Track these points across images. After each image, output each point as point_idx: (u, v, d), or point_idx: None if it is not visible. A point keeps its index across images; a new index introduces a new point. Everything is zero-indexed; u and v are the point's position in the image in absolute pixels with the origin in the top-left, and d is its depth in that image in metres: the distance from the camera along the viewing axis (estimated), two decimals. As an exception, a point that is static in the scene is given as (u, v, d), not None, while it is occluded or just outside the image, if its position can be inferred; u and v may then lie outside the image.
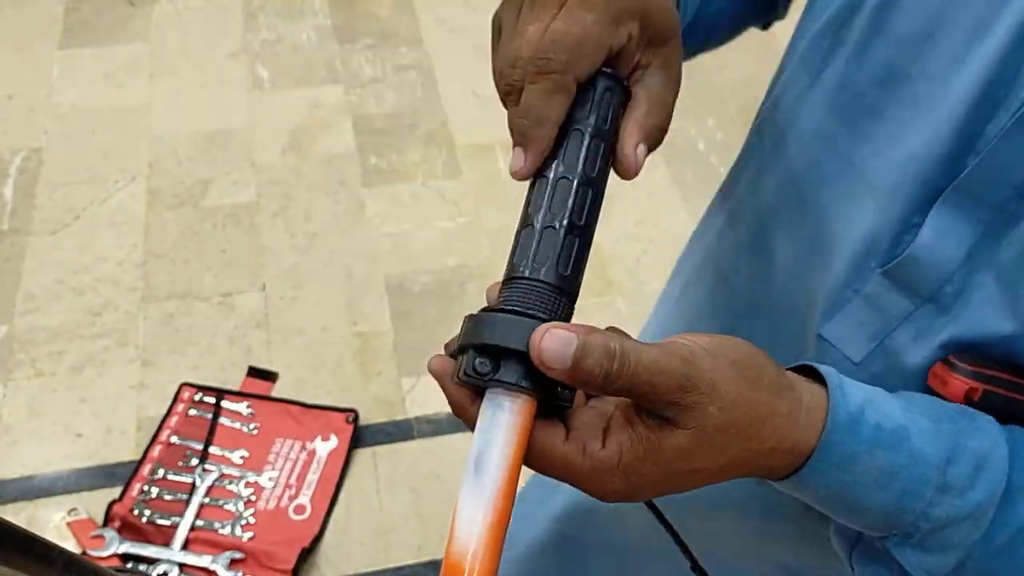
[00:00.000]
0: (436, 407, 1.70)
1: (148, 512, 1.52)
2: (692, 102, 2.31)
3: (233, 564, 1.47)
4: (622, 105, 0.43)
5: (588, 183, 0.40)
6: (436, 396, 1.72)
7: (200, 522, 1.52)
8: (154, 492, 1.55)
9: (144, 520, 1.51)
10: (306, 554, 1.49)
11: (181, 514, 1.52)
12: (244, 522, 1.53)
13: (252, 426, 1.66)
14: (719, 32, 0.61)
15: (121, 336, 1.80)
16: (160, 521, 1.51)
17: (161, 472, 1.58)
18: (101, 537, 1.47)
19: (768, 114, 0.57)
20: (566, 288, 0.39)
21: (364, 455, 1.64)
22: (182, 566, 1.46)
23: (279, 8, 2.58)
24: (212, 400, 1.69)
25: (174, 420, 1.65)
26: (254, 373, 1.74)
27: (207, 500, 1.55)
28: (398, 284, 1.91)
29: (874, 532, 0.41)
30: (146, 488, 1.56)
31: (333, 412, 1.68)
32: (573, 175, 0.40)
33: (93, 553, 1.45)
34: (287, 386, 1.73)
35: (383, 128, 2.23)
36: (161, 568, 1.45)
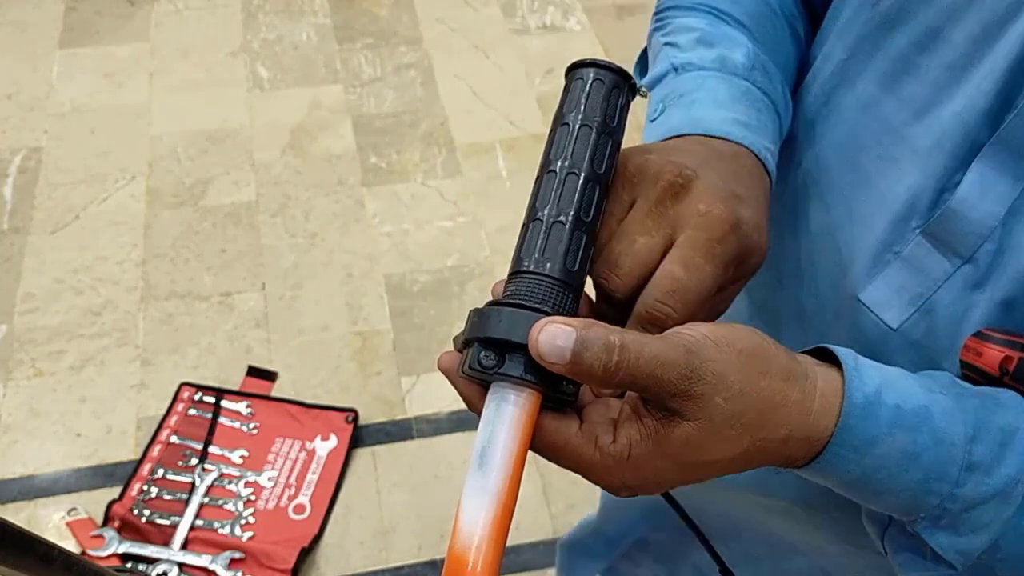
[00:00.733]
0: (436, 406, 1.70)
1: (148, 512, 1.52)
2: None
3: (233, 564, 1.47)
4: (628, 103, 0.43)
5: (595, 179, 0.40)
6: (436, 395, 1.72)
7: (200, 522, 1.52)
8: (154, 492, 1.55)
9: (144, 520, 1.50)
10: (305, 554, 1.49)
11: (181, 514, 1.52)
12: (244, 522, 1.53)
13: (252, 426, 1.66)
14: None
15: (121, 336, 1.79)
16: (160, 521, 1.51)
17: (161, 472, 1.58)
18: (101, 537, 1.47)
19: (805, 88, 0.56)
20: (572, 283, 0.39)
21: (364, 455, 1.64)
22: (182, 566, 1.46)
23: (279, 8, 2.58)
24: (212, 400, 1.68)
25: (174, 420, 1.65)
26: (254, 373, 1.74)
27: (207, 500, 1.55)
28: (397, 283, 1.91)
29: (902, 516, 0.41)
30: (146, 488, 1.55)
31: (333, 412, 1.67)
32: (581, 171, 0.40)
33: (93, 553, 1.45)
34: (287, 386, 1.73)
35: (383, 128, 2.23)
36: (161, 568, 1.45)
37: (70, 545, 1.46)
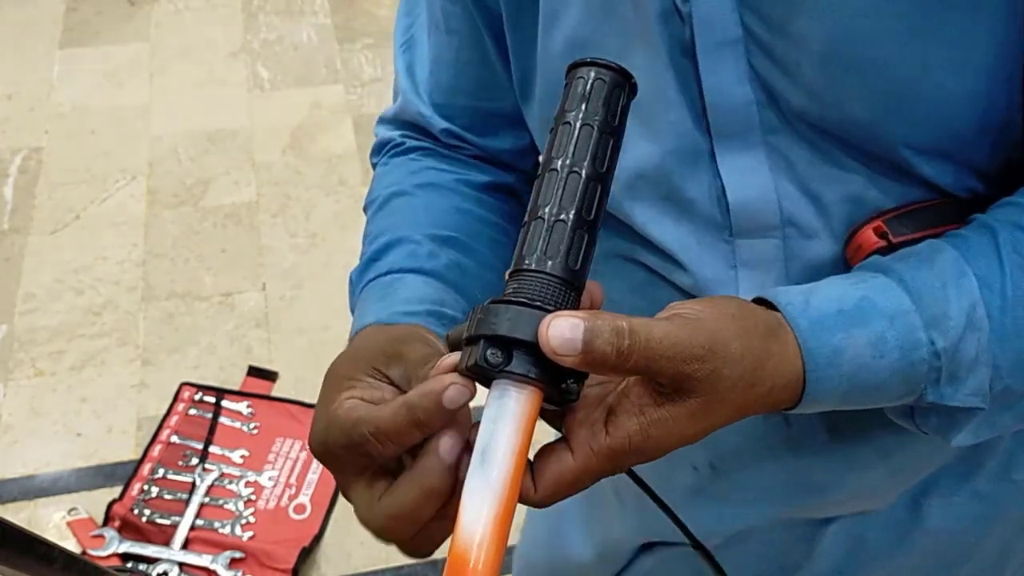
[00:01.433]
0: (436, 406, 1.70)
1: (148, 511, 1.52)
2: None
3: (233, 563, 1.47)
4: (629, 102, 0.43)
5: (597, 178, 0.41)
6: (436, 395, 1.72)
7: (200, 521, 1.52)
8: (154, 491, 1.55)
9: (144, 519, 1.50)
10: (306, 553, 1.49)
11: (181, 513, 1.52)
12: (244, 521, 1.53)
13: (252, 425, 1.66)
14: None
15: (121, 336, 1.79)
16: (160, 520, 1.51)
17: (161, 471, 1.58)
18: (101, 536, 1.47)
19: None
20: (574, 282, 0.39)
21: (364, 454, 1.64)
22: (182, 565, 1.46)
23: (279, 8, 2.58)
24: (212, 399, 1.69)
25: (174, 419, 1.65)
26: (254, 372, 1.74)
27: (207, 499, 1.55)
28: (398, 284, 1.91)
29: (910, 399, 0.42)
30: (146, 487, 1.55)
31: (333, 411, 1.67)
32: (583, 169, 0.40)
33: (93, 553, 1.45)
34: (287, 385, 1.73)
35: (383, 128, 2.23)
36: (161, 567, 1.45)
37: (70, 545, 1.46)
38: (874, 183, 0.46)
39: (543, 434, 0.39)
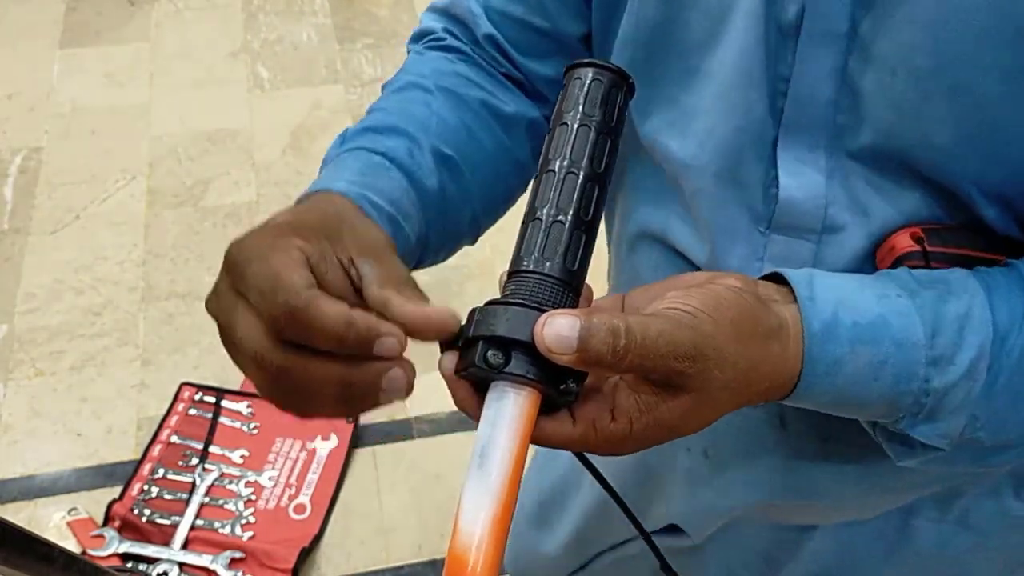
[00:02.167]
0: (436, 406, 1.70)
1: (148, 511, 1.52)
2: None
3: (233, 563, 1.47)
4: (627, 103, 0.43)
5: (595, 178, 0.41)
6: (436, 395, 1.71)
7: (200, 521, 1.52)
8: (154, 491, 1.55)
9: (144, 519, 1.51)
10: (306, 553, 1.49)
11: (181, 513, 1.52)
12: (244, 521, 1.53)
13: (252, 425, 1.66)
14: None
15: (121, 336, 1.79)
16: (160, 520, 1.51)
17: (161, 471, 1.58)
18: (101, 537, 1.47)
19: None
20: (572, 283, 0.39)
21: (364, 454, 1.64)
22: (182, 565, 1.46)
23: (279, 8, 2.58)
24: (212, 399, 1.69)
25: (174, 419, 1.65)
26: (254, 373, 1.74)
27: (207, 499, 1.55)
28: (398, 284, 1.91)
29: (884, 419, 0.43)
30: (146, 487, 1.55)
31: (333, 411, 1.67)
32: (580, 169, 0.40)
33: (93, 553, 1.45)
34: (287, 386, 1.73)
35: (383, 128, 2.23)
36: (161, 567, 1.45)
37: (70, 545, 1.46)
38: (927, 208, 0.45)
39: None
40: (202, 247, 1.96)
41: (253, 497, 1.56)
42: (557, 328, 0.35)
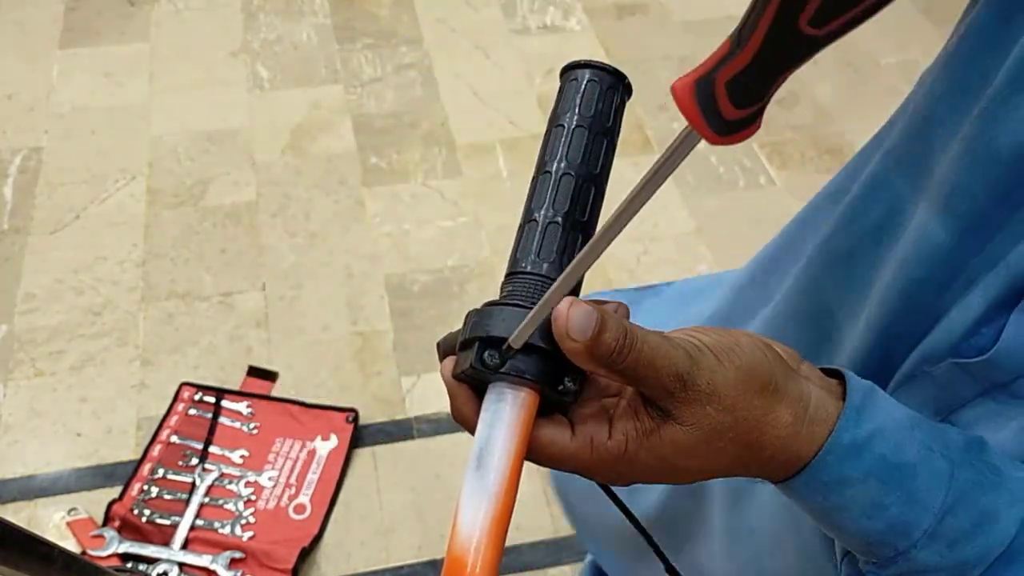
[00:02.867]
0: (436, 407, 1.70)
1: (148, 512, 1.52)
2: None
3: (233, 564, 1.47)
4: (624, 103, 0.43)
5: (591, 179, 0.41)
6: (436, 396, 1.72)
7: (200, 521, 1.52)
8: (154, 491, 1.55)
9: (144, 520, 1.51)
10: (306, 553, 1.49)
11: (181, 513, 1.52)
12: (244, 521, 1.53)
13: (252, 425, 1.66)
14: None
15: (121, 336, 1.79)
16: (160, 521, 1.51)
17: (161, 472, 1.58)
18: (101, 537, 1.47)
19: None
20: None
21: (364, 455, 1.64)
22: (182, 565, 1.46)
23: (279, 8, 2.58)
24: (212, 399, 1.68)
25: (174, 419, 1.65)
26: (254, 372, 1.74)
27: (207, 500, 1.55)
28: (398, 284, 1.91)
29: (855, 551, 0.41)
30: (146, 487, 1.55)
31: (333, 411, 1.67)
32: (575, 171, 0.40)
33: (93, 553, 1.45)
34: (287, 385, 1.73)
35: (383, 128, 2.23)
36: (161, 568, 1.45)
37: (70, 545, 1.46)
38: None
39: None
40: (202, 247, 1.96)
41: (253, 497, 1.56)
42: (580, 312, 0.36)
